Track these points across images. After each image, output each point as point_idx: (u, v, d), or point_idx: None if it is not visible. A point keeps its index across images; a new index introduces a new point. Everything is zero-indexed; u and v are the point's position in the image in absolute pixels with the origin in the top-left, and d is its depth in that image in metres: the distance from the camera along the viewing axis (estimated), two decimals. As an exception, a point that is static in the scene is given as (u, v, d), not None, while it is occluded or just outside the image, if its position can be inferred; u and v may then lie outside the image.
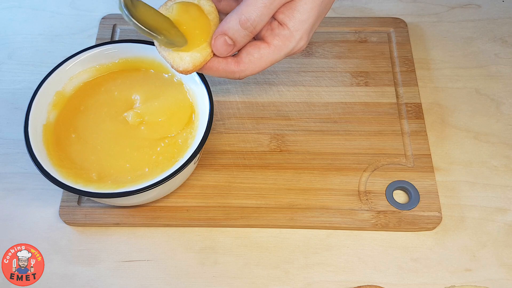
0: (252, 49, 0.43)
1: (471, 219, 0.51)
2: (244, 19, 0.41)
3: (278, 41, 0.43)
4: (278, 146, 0.55)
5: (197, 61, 0.43)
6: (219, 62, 0.44)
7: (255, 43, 0.43)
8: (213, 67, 0.44)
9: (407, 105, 0.57)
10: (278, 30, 0.43)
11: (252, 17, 0.41)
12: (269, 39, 0.43)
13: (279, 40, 0.43)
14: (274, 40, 0.43)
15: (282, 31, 0.43)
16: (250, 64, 0.43)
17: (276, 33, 0.43)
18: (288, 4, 0.42)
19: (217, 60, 0.44)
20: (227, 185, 0.52)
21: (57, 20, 0.65)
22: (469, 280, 0.48)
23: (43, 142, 0.48)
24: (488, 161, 0.54)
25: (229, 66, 0.44)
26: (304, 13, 0.42)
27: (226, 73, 0.44)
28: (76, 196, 0.51)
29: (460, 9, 0.66)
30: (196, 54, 0.43)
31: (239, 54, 0.44)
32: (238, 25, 0.41)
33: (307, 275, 0.48)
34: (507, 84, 0.60)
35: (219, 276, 0.48)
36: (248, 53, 0.43)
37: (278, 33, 0.43)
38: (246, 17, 0.41)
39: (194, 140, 0.48)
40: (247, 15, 0.41)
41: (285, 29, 0.43)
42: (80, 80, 0.52)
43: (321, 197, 0.51)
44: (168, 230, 0.51)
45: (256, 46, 0.43)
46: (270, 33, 0.43)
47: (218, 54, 0.43)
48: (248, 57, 0.43)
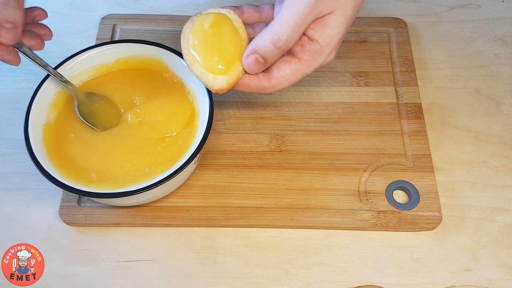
0: (283, 65, 0.44)
1: (471, 219, 0.51)
2: (276, 39, 0.41)
3: (308, 56, 0.44)
4: (278, 146, 0.55)
5: (231, 79, 0.44)
6: (251, 78, 0.45)
7: (286, 59, 0.44)
8: (245, 84, 0.45)
9: (407, 105, 0.57)
10: (309, 45, 0.43)
11: (284, 37, 0.41)
12: (300, 54, 0.44)
13: (309, 55, 0.44)
14: (305, 55, 0.44)
15: (312, 47, 0.43)
16: (282, 79, 0.44)
17: (307, 48, 0.43)
18: (318, 20, 0.43)
19: (249, 77, 0.45)
20: (227, 185, 0.52)
21: (57, 20, 0.65)
22: (469, 280, 0.48)
23: (43, 142, 0.48)
24: (488, 161, 0.54)
25: (260, 82, 0.45)
26: (334, 28, 0.43)
27: (258, 89, 0.45)
28: (76, 196, 0.51)
29: (460, 9, 0.66)
30: (230, 72, 0.44)
31: (270, 70, 0.45)
32: (270, 44, 0.42)
33: (307, 275, 0.48)
34: (507, 84, 0.60)
35: (219, 276, 0.48)
36: (279, 69, 0.44)
37: (308, 49, 0.43)
38: (278, 36, 0.41)
39: (194, 140, 0.48)
40: (279, 35, 0.41)
41: (316, 44, 0.43)
42: (80, 80, 0.52)
43: (321, 197, 0.51)
44: (168, 230, 0.51)
45: (287, 61, 0.44)
46: (300, 49, 0.44)
47: (248, 71, 0.44)
48: (280, 72, 0.44)
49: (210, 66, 0.44)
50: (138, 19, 0.64)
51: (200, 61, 0.44)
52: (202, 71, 0.44)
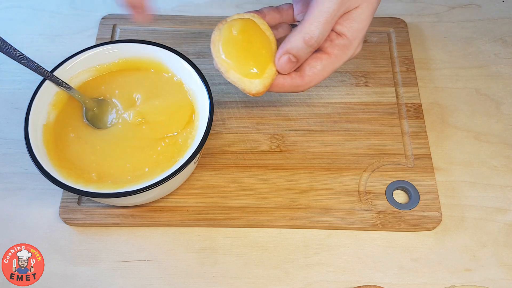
0: (314, 62, 0.45)
1: (471, 219, 0.51)
2: (308, 37, 0.43)
3: (338, 50, 0.45)
4: (278, 146, 0.55)
5: (267, 81, 0.45)
6: (285, 78, 0.46)
7: (316, 56, 0.45)
8: (279, 84, 0.46)
9: (407, 105, 0.57)
10: (337, 40, 0.45)
11: (316, 35, 0.43)
12: (329, 50, 0.45)
13: (339, 49, 0.45)
14: (334, 50, 0.45)
15: (341, 41, 0.45)
16: (314, 76, 0.46)
17: (336, 43, 0.45)
18: (345, 15, 0.44)
19: (283, 77, 0.46)
20: (227, 185, 0.52)
21: (57, 20, 0.65)
22: (469, 280, 0.48)
23: (43, 142, 0.48)
24: (488, 161, 0.54)
25: (294, 81, 0.46)
26: (361, 22, 0.44)
27: (291, 88, 0.46)
28: (76, 196, 0.51)
29: (460, 9, 0.66)
30: (265, 75, 0.45)
31: (302, 68, 0.46)
32: (302, 43, 0.43)
33: (307, 275, 0.48)
34: (507, 84, 0.60)
35: (219, 276, 0.48)
36: (311, 66, 0.45)
37: (337, 43, 0.45)
38: (310, 35, 0.43)
39: (194, 140, 0.48)
40: (311, 33, 0.43)
41: (344, 38, 0.45)
42: (80, 80, 0.52)
43: (321, 197, 0.51)
44: (168, 230, 0.51)
45: (318, 58, 0.45)
46: (329, 44, 0.45)
47: (282, 71, 0.45)
48: (312, 70, 0.45)
49: (245, 71, 0.45)
50: (138, 19, 0.63)
51: (235, 67, 0.45)
52: (238, 77, 0.45)
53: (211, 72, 0.58)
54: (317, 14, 0.42)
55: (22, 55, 0.47)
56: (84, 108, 0.50)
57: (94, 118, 0.50)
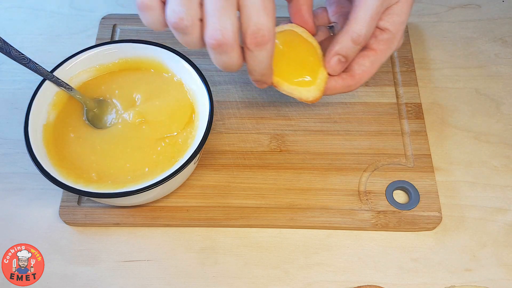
0: (361, 60, 0.47)
1: (471, 219, 0.51)
2: (356, 36, 0.44)
3: (383, 45, 0.46)
4: (278, 146, 0.55)
5: (321, 86, 0.47)
6: (336, 80, 0.47)
7: (363, 54, 0.47)
8: (332, 87, 0.47)
9: (407, 105, 0.57)
10: (381, 35, 0.46)
11: (363, 33, 0.44)
12: (375, 46, 0.46)
13: (383, 44, 0.46)
14: (380, 45, 0.46)
15: (385, 36, 0.46)
16: (364, 73, 0.47)
17: (380, 39, 0.46)
18: (386, 11, 0.45)
19: (334, 80, 0.47)
20: (227, 185, 0.52)
21: (57, 20, 0.65)
22: (469, 280, 0.48)
23: (43, 142, 0.48)
24: (488, 161, 0.54)
25: (346, 82, 0.47)
26: (402, 15, 0.46)
27: (344, 89, 0.48)
28: (76, 196, 0.51)
29: (460, 9, 0.66)
30: (318, 81, 0.47)
31: (351, 68, 0.47)
32: (350, 43, 0.44)
33: (307, 275, 0.48)
34: (507, 84, 0.60)
35: (219, 276, 0.48)
36: (360, 65, 0.47)
37: (382, 39, 0.46)
38: (358, 34, 0.44)
39: (194, 140, 0.48)
40: (358, 32, 0.44)
41: (388, 33, 0.46)
42: (80, 80, 0.52)
43: (321, 197, 0.51)
44: (168, 230, 0.51)
45: (364, 56, 0.47)
46: (374, 40, 0.46)
47: (333, 73, 0.47)
48: (361, 68, 0.47)
49: (299, 81, 0.46)
50: (138, 19, 0.63)
51: (288, 79, 0.46)
52: (293, 88, 0.46)
53: (211, 72, 0.58)
54: (362, 13, 0.43)
55: (22, 55, 0.47)
56: (85, 109, 0.51)
57: (95, 118, 0.50)
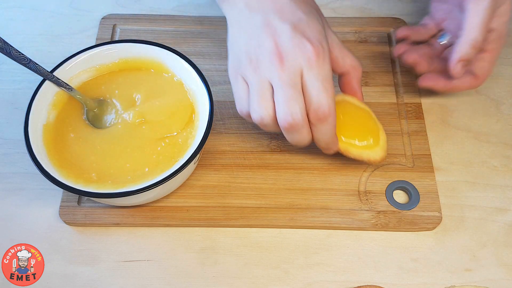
0: (480, 63, 0.52)
1: (471, 219, 0.51)
2: (474, 43, 0.49)
3: (493, 45, 0.52)
4: (278, 146, 0.55)
5: (384, 145, 0.50)
6: (463, 82, 0.53)
7: (480, 56, 0.52)
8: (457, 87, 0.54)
9: (407, 105, 0.57)
10: (491, 36, 0.51)
11: (480, 38, 0.49)
12: (488, 47, 0.52)
13: (494, 43, 0.52)
14: (491, 45, 0.52)
15: (494, 35, 0.51)
16: (485, 74, 0.53)
17: (490, 40, 0.51)
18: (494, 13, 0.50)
19: (461, 82, 0.53)
20: (227, 185, 0.52)
21: (57, 20, 0.65)
22: (469, 280, 0.48)
23: (43, 142, 0.48)
24: (488, 161, 0.54)
25: (471, 83, 0.53)
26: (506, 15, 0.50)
27: (470, 88, 0.55)
28: (76, 196, 0.51)
29: (460, 9, 0.66)
30: (381, 142, 0.50)
31: (472, 71, 0.53)
32: (470, 49, 0.50)
33: (307, 275, 0.48)
34: (507, 84, 0.60)
35: (219, 276, 0.48)
36: (480, 67, 0.52)
37: (492, 39, 0.51)
38: (476, 40, 0.49)
39: (194, 140, 0.48)
40: (475, 39, 0.49)
41: (495, 32, 0.51)
42: (80, 80, 0.52)
43: (321, 197, 0.51)
44: (168, 230, 0.51)
45: (481, 58, 0.52)
46: (486, 43, 0.51)
47: (457, 76, 0.52)
48: (481, 69, 0.53)
49: (364, 145, 0.49)
50: (138, 19, 0.64)
51: (354, 145, 0.49)
52: (360, 152, 0.49)
53: (211, 72, 0.58)
54: (476, 21, 0.48)
55: (22, 55, 0.47)
56: (85, 109, 0.51)
57: (95, 118, 0.50)
